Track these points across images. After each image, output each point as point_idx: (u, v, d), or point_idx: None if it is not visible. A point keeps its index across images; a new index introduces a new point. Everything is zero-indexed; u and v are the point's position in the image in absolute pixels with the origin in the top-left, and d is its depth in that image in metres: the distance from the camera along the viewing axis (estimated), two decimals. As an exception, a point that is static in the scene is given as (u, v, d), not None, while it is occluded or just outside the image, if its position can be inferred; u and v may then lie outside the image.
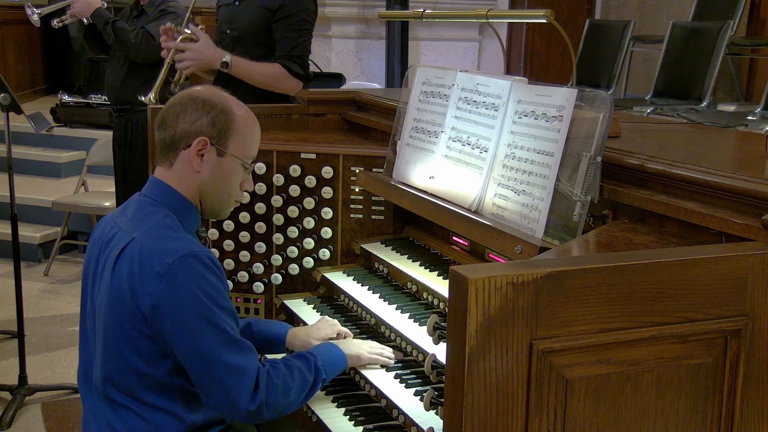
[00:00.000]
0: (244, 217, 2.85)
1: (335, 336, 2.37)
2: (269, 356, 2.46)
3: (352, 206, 2.82)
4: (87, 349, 2.10)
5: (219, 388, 1.91)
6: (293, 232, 2.81)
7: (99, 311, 2.02)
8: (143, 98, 3.96)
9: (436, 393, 1.84)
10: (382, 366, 2.24)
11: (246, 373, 1.92)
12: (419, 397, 2.06)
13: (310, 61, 3.71)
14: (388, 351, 2.28)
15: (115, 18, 4.50)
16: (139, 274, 1.91)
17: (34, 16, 4.72)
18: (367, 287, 2.58)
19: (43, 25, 4.81)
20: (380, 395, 2.18)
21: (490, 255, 2.40)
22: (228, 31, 3.72)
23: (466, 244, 2.53)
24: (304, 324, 2.56)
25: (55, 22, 4.62)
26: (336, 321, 2.44)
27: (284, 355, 2.36)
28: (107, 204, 5.67)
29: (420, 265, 2.53)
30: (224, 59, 3.47)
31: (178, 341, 1.90)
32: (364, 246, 2.75)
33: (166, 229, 1.99)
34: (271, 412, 1.96)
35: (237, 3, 3.67)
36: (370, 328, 2.46)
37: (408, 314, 2.34)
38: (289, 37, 3.55)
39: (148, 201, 2.07)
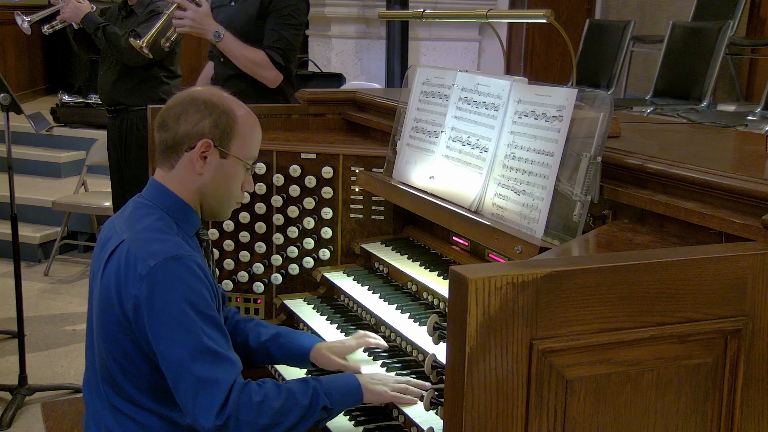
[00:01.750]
0: (244, 217, 2.85)
1: (358, 349, 2.26)
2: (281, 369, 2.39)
3: (352, 206, 2.82)
4: (89, 352, 2.10)
5: (188, 397, 1.85)
6: (293, 232, 2.81)
7: (93, 313, 2.02)
8: (134, 42, 3.93)
9: (436, 393, 1.84)
10: (409, 403, 2.03)
11: (217, 386, 1.83)
12: (419, 397, 2.06)
13: (310, 61, 3.76)
14: (414, 386, 2.07)
15: (106, 23, 4.47)
16: (124, 276, 1.90)
17: (24, 24, 4.69)
18: (367, 287, 2.58)
19: (41, 26, 4.80)
20: (380, 395, 2.17)
21: (490, 255, 2.40)
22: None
23: (466, 244, 2.53)
24: (305, 324, 2.56)
25: (46, 29, 4.59)
26: (368, 333, 2.30)
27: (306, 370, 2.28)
28: (107, 204, 5.66)
29: (420, 265, 2.53)
30: (217, 30, 3.65)
31: (156, 345, 1.87)
32: (364, 246, 2.75)
33: (155, 231, 1.96)
34: (244, 430, 1.85)
35: (233, 3, 3.82)
36: (370, 328, 2.45)
37: (408, 314, 2.34)
38: (275, 29, 3.75)
39: (144, 203, 2.06)
